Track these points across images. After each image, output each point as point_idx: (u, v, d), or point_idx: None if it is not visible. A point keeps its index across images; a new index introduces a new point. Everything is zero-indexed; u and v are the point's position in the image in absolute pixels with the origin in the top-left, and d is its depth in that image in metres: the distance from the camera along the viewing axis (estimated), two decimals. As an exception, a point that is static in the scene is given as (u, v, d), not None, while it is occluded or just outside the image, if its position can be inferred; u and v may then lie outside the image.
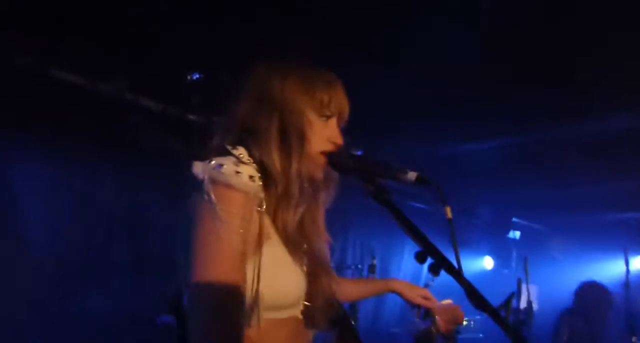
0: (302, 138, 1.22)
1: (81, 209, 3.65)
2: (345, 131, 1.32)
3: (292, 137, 1.21)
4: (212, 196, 1.09)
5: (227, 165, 1.12)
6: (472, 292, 1.00)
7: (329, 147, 1.25)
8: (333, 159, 1.25)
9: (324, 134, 1.25)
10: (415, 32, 3.02)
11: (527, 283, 3.61)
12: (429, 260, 1.08)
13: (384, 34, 3.08)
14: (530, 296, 3.60)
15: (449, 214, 1.04)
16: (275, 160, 1.19)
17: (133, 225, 3.87)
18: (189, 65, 3.34)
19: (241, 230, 1.10)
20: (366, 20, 2.97)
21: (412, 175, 1.11)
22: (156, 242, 3.82)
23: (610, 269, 6.03)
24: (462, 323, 1.87)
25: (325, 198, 1.35)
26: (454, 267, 1.03)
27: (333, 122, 1.28)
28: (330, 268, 1.36)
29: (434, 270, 1.06)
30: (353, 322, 3.68)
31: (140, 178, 3.85)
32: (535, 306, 4.17)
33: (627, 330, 4.00)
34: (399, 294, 1.79)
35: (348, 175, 1.28)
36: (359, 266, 4.28)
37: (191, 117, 3.67)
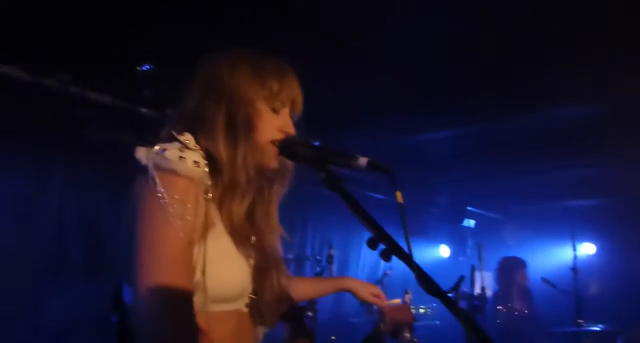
0: (250, 127, 1.20)
1: (29, 209, 3.51)
2: (304, 123, 1.30)
3: (238, 126, 1.19)
4: (157, 182, 1.06)
5: (171, 150, 1.10)
6: (422, 277, 1.02)
7: (279, 137, 1.23)
8: (284, 146, 1.23)
9: (274, 124, 1.23)
10: (379, 27, 3.08)
11: (480, 269, 3.70)
12: (381, 247, 1.08)
13: (350, 28, 3.11)
14: (483, 282, 3.69)
15: (400, 199, 1.04)
16: (220, 149, 1.17)
17: (85, 224, 3.74)
18: (140, 57, 3.25)
19: (187, 218, 1.07)
20: (332, 15, 2.99)
21: (363, 160, 1.11)
22: (110, 240, 3.72)
23: (560, 255, 6.28)
24: (411, 322, 1.98)
25: (278, 191, 1.33)
26: (405, 253, 1.04)
27: (285, 111, 1.26)
28: (281, 263, 1.33)
29: (385, 255, 1.06)
30: (311, 313, 3.70)
31: (90, 175, 3.72)
32: (488, 292, 4.31)
33: (575, 312, 4.19)
34: (352, 292, 1.81)
35: (299, 162, 1.27)
36: (318, 257, 4.29)
37: (144, 110, 3.58)
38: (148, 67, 3.28)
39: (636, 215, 6.34)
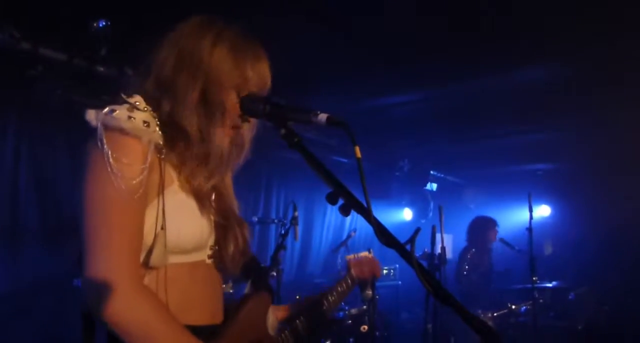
0: (223, 110, 1.22)
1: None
2: (271, 84, 1.31)
3: (214, 107, 1.20)
4: (105, 142, 1.08)
5: (120, 111, 1.12)
6: (380, 230, 1.03)
7: (239, 123, 1.25)
8: (245, 103, 1.22)
9: (237, 109, 1.23)
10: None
11: (441, 230, 3.77)
12: (341, 202, 1.09)
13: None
14: (444, 242, 3.78)
15: (358, 153, 1.05)
16: (193, 125, 1.19)
17: (41, 185, 3.63)
18: (96, 12, 3.10)
19: (134, 178, 1.09)
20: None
21: (322, 116, 1.10)
22: (67, 201, 3.63)
23: (517, 216, 6.50)
24: (378, 274, 1.95)
25: (235, 162, 1.34)
26: (363, 207, 1.05)
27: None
28: (241, 219, 1.36)
29: (344, 210, 1.07)
30: (275, 273, 3.73)
31: (46, 134, 3.59)
32: (449, 254, 4.43)
33: (529, 271, 4.37)
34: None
35: (260, 119, 1.26)
36: (283, 220, 4.31)
37: (100, 69, 3.44)
38: (104, 23, 3.14)
39: (589, 178, 6.58)
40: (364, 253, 1.94)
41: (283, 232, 3.89)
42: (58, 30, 3.11)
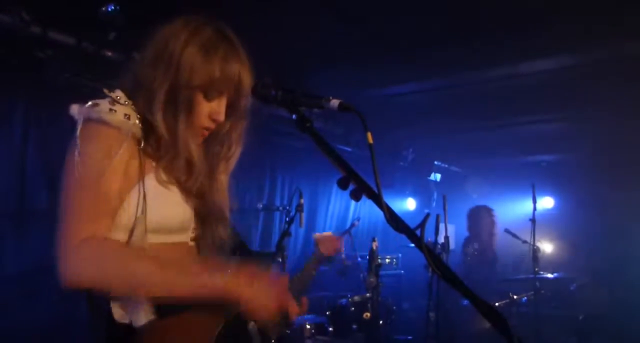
0: (190, 109, 1.23)
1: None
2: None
3: (180, 106, 1.22)
4: (83, 133, 1.14)
5: (102, 104, 1.17)
6: (391, 215, 1.05)
7: (207, 124, 1.27)
8: (257, 89, 1.24)
9: (206, 109, 1.26)
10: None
11: (445, 221, 3.78)
12: (351, 187, 1.11)
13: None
14: (447, 232, 3.79)
15: (370, 139, 1.06)
16: (159, 123, 1.21)
17: (49, 167, 3.65)
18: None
19: (112, 166, 1.14)
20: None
21: (334, 102, 1.12)
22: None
23: (520, 207, 6.50)
24: (341, 251, 2.38)
25: (224, 160, 1.37)
26: (374, 192, 1.07)
27: (220, 98, 1.27)
28: (223, 217, 1.37)
29: (355, 195, 1.09)
30: (280, 260, 3.75)
31: (54, 116, 3.61)
32: (451, 245, 4.45)
33: (532, 261, 4.39)
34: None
35: (272, 105, 1.27)
36: (287, 208, 4.33)
37: (108, 53, 3.44)
38: (112, 7, 3.14)
39: (593, 171, 6.57)
40: (328, 233, 2.31)
41: (288, 219, 3.92)
42: (67, 14, 3.11)
